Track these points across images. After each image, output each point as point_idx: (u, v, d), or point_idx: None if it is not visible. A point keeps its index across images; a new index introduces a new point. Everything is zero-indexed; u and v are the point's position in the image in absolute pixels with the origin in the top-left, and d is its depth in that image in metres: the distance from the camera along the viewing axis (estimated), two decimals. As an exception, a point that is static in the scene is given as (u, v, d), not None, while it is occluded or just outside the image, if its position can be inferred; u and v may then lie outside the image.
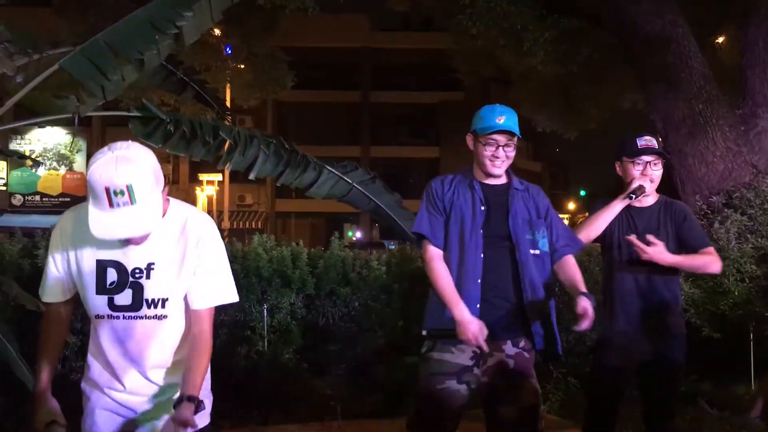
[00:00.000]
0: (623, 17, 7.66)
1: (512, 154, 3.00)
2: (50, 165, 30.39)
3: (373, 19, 35.24)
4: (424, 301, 3.04)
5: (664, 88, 7.50)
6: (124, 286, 2.08)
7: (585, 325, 2.79)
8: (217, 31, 15.40)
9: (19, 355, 3.44)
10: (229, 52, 16.49)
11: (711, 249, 3.36)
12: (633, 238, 3.21)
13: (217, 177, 26.45)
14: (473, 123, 3.04)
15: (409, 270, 6.33)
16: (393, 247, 9.09)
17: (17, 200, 30.42)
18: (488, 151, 2.95)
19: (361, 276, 6.27)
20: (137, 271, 2.08)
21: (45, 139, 29.57)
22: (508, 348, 2.91)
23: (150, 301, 2.10)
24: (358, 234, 34.10)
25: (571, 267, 3.05)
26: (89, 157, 32.64)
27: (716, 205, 6.64)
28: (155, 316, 2.12)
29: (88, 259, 2.08)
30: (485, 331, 2.76)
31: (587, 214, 3.56)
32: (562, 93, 12.18)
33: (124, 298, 2.09)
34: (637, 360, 3.33)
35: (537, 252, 2.96)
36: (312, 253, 6.41)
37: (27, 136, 28.91)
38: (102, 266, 2.07)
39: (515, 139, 2.97)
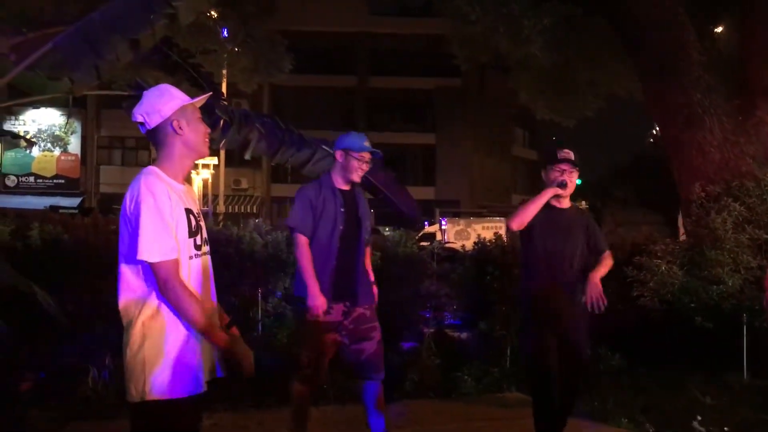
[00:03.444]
0: (621, 5, 7.61)
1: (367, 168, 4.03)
2: (44, 146, 30.24)
3: (370, 3, 35.05)
4: (418, 286, 3.13)
5: (661, 76, 7.46)
6: (198, 228, 2.53)
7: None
8: (214, 14, 15.30)
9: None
10: (226, 35, 16.38)
11: (608, 252, 4.12)
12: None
13: (212, 160, 26.35)
14: (344, 142, 3.96)
15: (404, 254, 6.31)
16: (388, 232, 9.07)
17: (11, 181, 30.31)
18: (361, 165, 3.92)
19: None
20: (198, 216, 2.56)
21: (39, 120, 29.41)
22: (362, 305, 3.99)
23: (205, 240, 2.59)
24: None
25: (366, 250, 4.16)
26: (84, 139, 32.45)
27: (713, 195, 6.59)
28: (208, 252, 2.60)
29: (180, 208, 2.46)
30: (325, 306, 3.80)
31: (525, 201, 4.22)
32: (560, 80, 12.08)
33: (199, 238, 2.54)
34: (550, 343, 3.88)
35: (367, 237, 4.08)
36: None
37: (21, 117, 28.73)
38: (187, 213, 2.48)
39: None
